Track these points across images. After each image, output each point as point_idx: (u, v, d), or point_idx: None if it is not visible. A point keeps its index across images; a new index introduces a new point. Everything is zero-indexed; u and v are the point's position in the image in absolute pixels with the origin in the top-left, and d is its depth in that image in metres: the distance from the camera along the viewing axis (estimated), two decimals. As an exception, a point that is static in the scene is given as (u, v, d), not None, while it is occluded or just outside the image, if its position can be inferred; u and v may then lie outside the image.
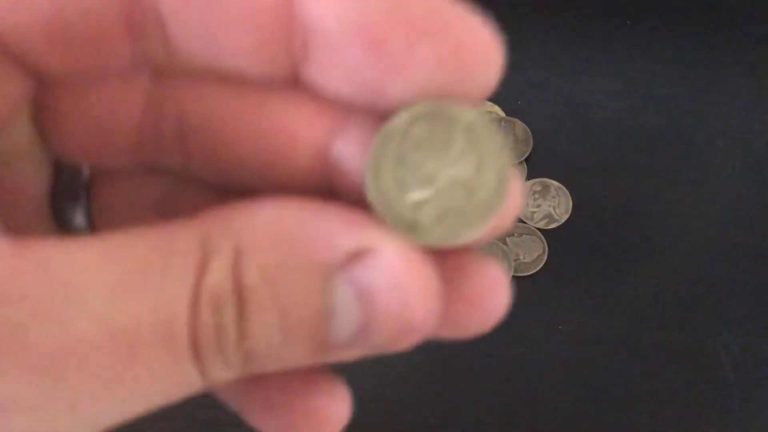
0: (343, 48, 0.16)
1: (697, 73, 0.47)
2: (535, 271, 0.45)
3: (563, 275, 0.45)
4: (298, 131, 0.18)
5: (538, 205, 0.46)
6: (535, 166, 0.47)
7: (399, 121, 0.17)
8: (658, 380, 0.43)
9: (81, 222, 0.20)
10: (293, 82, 0.17)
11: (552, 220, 0.46)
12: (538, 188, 0.46)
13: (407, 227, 0.17)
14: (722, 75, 0.47)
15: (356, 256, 0.16)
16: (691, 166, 0.47)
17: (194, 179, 0.20)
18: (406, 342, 0.17)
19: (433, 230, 0.17)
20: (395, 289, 0.16)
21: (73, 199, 0.20)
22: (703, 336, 0.44)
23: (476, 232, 0.17)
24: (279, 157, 0.18)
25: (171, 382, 0.16)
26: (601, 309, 0.45)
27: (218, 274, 0.15)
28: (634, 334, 0.44)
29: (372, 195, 0.17)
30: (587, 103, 0.47)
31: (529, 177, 0.47)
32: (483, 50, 0.16)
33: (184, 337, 0.15)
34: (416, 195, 0.17)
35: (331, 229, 0.16)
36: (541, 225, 0.46)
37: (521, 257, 0.45)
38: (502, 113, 0.47)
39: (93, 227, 0.20)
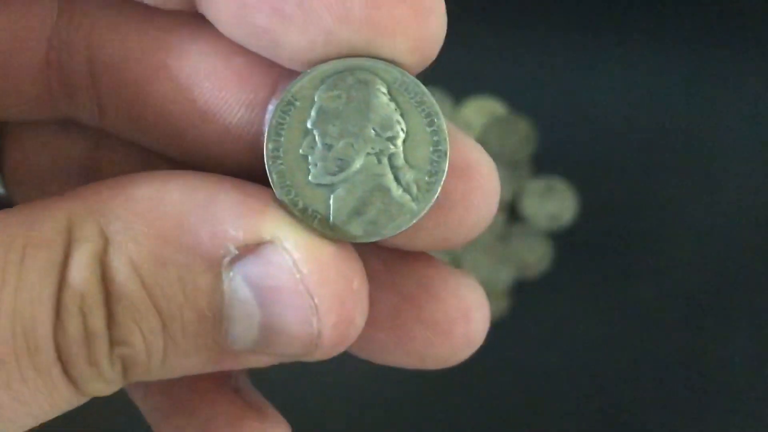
0: None
1: (707, 69, 0.47)
2: (539, 273, 0.45)
3: (568, 278, 0.45)
4: (227, 84, 0.15)
5: (543, 205, 0.46)
6: (540, 166, 0.47)
7: (303, 82, 0.14)
8: (667, 385, 0.43)
9: None
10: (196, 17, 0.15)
11: (557, 220, 0.45)
12: (543, 188, 0.46)
13: (317, 219, 0.14)
14: (733, 71, 0.47)
15: (252, 248, 0.13)
16: (701, 165, 0.46)
17: (118, 139, 0.17)
18: (322, 352, 0.14)
19: (348, 224, 0.14)
20: (299, 291, 0.13)
21: None
22: (714, 340, 0.43)
23: (404, 228, 0.14)
24: (204, 115, 0.15)
25: (40, 403, 0.13)
26: (608, 312, 0.44)
27: (83, 267, 0.13)
28: (641, 339, 0.44)
29: (272, 178, 0.14)
30: (594, 100, 0.47)
31: (533, 176, 0.46)
32: (410, 5, 0.13)
33: (49, 348, 0.13)
34: (327, 179, 0.14)
35: (221, 215, 0.13)
36: (545, 226, 0.45)
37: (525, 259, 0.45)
38: (502, 110, 0.47)
39: (10, 193, 0.18)
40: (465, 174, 0.15)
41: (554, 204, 0.46)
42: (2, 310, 0.12)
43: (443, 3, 0.14)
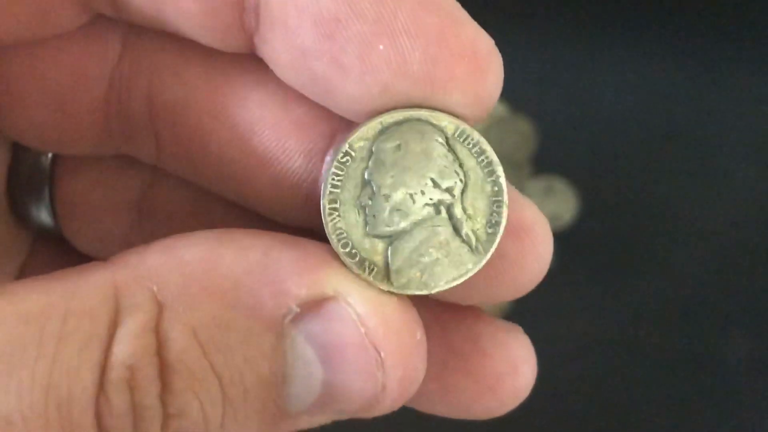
0: (291, 25, 0.13)
1: (709, 69, 0.47)
2: (539, 272, 0.45)
3: (568, 278, 0.44)
4: (287, 133, 0.15)
5: (543, 205, 0.46)
6: (540, 165, 0.46)
7: (361, 133, 0.14)
8: (667, 384, 0.43)
9: (45, 218, 0.18)
10: (254, 58, 0.15)
11: (557, 220, 0.45)
12: (543, 188, 0.46)
13: (374, 271, 0.14)
14: (735, 72, 0.47)
15: (313, 305, 0.13)
16: (701, 165, 0.46)
17: (174, 177, 0.17)
18: (383, 407, 0.14)
19: (404, 275, 0.14)
20: (364, 346, 0.13)
21: (34, 192, 0.18)
22: (712, 339, 0.43)
23: (462, 280, 0.14)
24: (262, 161, 0.15)
25: None
26: (608, 312, 0.44)
27: (134, 338, 0.12)
28: (641, 338, 0.44)
29: (329, 231, 0.14)
30: (594, 100, 0.47)
31: (533, 176, 0.46)
32: (469, 62, 0.13)
33: (88, 423, 0.12)
34: (385, 230, 0.14)
35: (280, 272, 0.13)
36: (545, 225, 0.45)
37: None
38: (504, 110, 0.47)
39: (59, 225, 0.18)
40: (520, 235, 0.15)
41: (554, 204, 0.45)
42: (36, 383, 0.12)
43: (500, 60, 0.14)
